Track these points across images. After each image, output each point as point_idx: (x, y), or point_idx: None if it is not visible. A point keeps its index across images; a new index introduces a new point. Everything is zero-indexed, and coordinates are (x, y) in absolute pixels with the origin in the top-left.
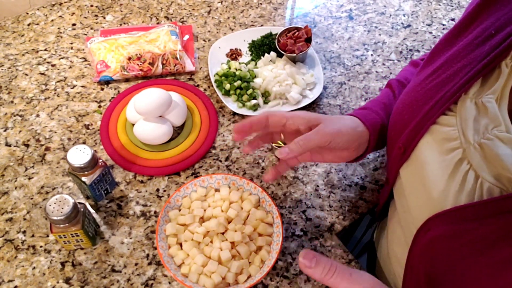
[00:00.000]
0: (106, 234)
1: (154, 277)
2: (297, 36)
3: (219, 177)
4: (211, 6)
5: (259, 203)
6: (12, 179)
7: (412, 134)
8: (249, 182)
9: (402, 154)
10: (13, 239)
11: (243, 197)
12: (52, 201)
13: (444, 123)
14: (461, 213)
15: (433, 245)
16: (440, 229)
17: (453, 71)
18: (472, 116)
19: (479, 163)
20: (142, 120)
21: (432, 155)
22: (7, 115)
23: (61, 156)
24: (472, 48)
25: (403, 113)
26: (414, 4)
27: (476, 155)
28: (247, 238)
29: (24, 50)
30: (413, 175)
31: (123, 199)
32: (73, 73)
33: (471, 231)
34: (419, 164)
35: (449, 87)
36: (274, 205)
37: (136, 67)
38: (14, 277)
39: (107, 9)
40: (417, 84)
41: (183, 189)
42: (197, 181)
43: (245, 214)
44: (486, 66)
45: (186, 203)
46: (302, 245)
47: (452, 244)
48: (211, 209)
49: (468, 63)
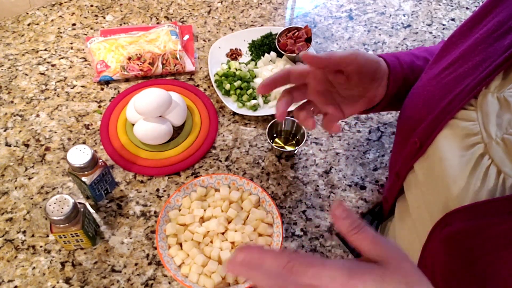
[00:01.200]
0: (106, 234)
1: (154, 277)
2: (297, 36)
3: (219, 177)
4: (211, 6)
5: (259, 203)
6: (12, 179)
7: (429, 129)
8: (249, 182)
9: (418, 149)
10: (13, 239)
11: (243, 197)
12: (52, 201)
13: (463, 117)
14: (482, 209)
15: (452, 240)
16: (460, 224)
17: (472, 65)
18: (494, 111)
19: (501, 159)
20: (142, 120)
21: (451, 150)
22: (7, 115)
23: (61, 156)
24: (491, 41)
25: (418, 108)
26: (414, 4)
27: (499, 150)
28: (247, 238)
29: (24, 50)
30: (430, 170)
31: (123, 199)
32: (73, 73)
33: (493, 227)
34: (436, 159)
35: (469, 81)
36: (274, 205)
37: (136, 67)
38: (14, 277)
39: (107, 9)
40: (431, 78)
41: (183, 189)
42: (197, 181)
43: (245, 214)
44: (508, 59)
45: (186, 203)
46: (302, 245)
47: (473, 239)
48: (211, 209)
49: (488, 56)
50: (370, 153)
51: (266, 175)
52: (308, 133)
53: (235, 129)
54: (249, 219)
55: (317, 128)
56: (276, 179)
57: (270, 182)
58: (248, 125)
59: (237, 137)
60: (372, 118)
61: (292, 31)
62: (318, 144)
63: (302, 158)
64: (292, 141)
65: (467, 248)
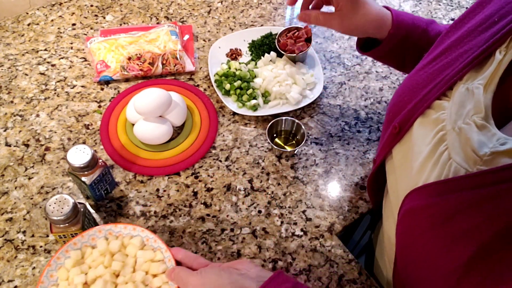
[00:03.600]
0: None
1: None
2: (297, 36)
3: (91, 233)
4: (211, 6)
5: (144, 243)
6: (12, 179)
7: (408, 115)
8: (127, 226)
9: (397, 133)
10: (13, 239)
11: (125, 243)
12: (52, 201)
13: (436, 107)
14: (428, 189)
15: (404, 219)
16: (410, 204)
17: (453, 57)
18: (461, 101)
19: (453, 145)
20: (142, 120)
21: (421, 137)
22: (7, 115)
23: (61, 156)
24: (475, 34)
25: (403, 95)
26: (414, 4)
27: (455, 138)
28: (142, 285)
29: (24, 50)
30: (404, 154)
31: (123, 199)
32: (73, 73)
33: (433, 207)
34: (410, 144)
35: (448, 73)
36: (160, 239)
37: (136, 67)
38: (14, 277)
39: (107, 9)
40: (420, 68)
41: (54, 260)
42: (67, 246)
43: (132, 261)
44: (483, 53)
45: (63, 275)
46: (302, 245)
47: (417, 218)
48: (93, 269)
49: (469, 49)
50: (370, 153)
51: (266, 175)
52: (308, 133)
53: (235, 129)
54: (138, 264)
55: (317, 128)
56: (276, 179)
57: (270, 182)
58: (248, 125)
59: (237, 137)
60: (372, 118)
61: (292, 31)
62: (318, 144)
63: (302, 158)
64: (292, 141)
65: (413, 226)
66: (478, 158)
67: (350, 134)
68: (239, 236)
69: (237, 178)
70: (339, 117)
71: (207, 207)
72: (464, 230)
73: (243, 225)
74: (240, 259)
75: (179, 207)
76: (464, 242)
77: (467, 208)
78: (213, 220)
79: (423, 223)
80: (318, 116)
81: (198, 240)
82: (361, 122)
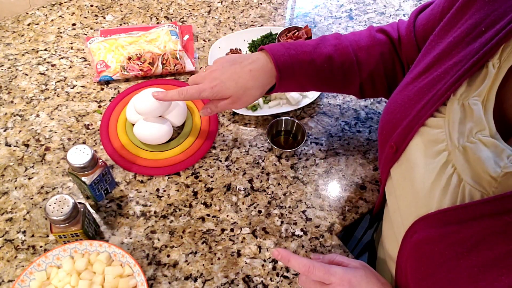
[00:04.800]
0: (106, 234)
1: (154, 277)
2: (297, 36)
3: (56, 252)
4: (211, 6)
5: (112, 259)
6: (12, 179)
7: (404, 134)
8: (92, 242)
9: (394, 153)
10: (13, 239)
11: (91, 260)
12: (52, 201)
13: (432, 125)
14: (443, 217)
15: (419, 248)
16: (425, 232)
17: (443, 70)
18: (458, 119)
19: (462, 167)
20: (142, 120)
21: (420, 157)
22: (7, 115)
23: (61, 156)
24: (463, 45)
25: (395, 112)
26: (414, 4)
27: (460, 158)
28: None
29: (24, 50)
30: (403, 175)
31: (123, 199)
32: (73, 73)
33: (452, 235)
34: (409, 165)
35: (439, 87)
36: (128, 254)
37: (136, 67)
38: (14, 277)
39: (107, 9)
40: (408, 82)
41: (18, 283)
42: (31, 268)
43: (100, 278)
44: (474, 65)
45: None
46: (302, 245)
47: (435, 247)
48: None
49: (458, 61)
50: (370, 153)
51: (266, 175)
52: (308, 133)
53: (235, 129)
54: (107, 280)
55: (317, 128)
56: (276, 179)
57: (270, 182)
58: (248, 125)
59: (237, 137)
60: (372, 118)
61: (292, 31)
62: (318, 144)
63: (302, 158)
64: (292, 141)
65: (431, 256)
66: (492, 180)
67: (350, 134)
68: (239, 236)
69: (237, 178)
70: (339, 117)
71: (207, 207)
72: (493, 258)
73: (243, 225)
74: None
75: (179, 207)
76: (497, 270)
77: (491, 235)
78: (213, 220)
79: (445, 252)
80: (318, 116)
81: (198, 240)
82: (361, 122)
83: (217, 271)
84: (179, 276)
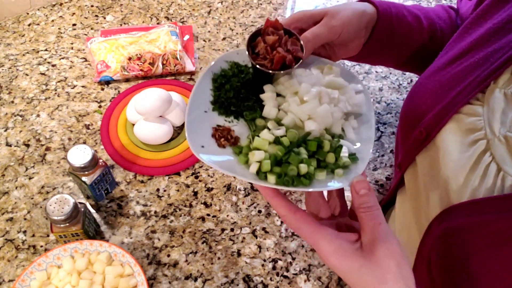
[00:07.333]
0: (107, 234)
1: (154, 277)
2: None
3: (56, 252)
4: (211, 6)
5: (112, 258)
6: (13, 179)
7: (436, 120)
8: (92, 242)
9: (423, 140)
10: (13, 239)
11: (92, 260)
12: (52, 201)
13: (469, 112)
14: (479, 206)
15: (449, 236)
16: (457, 221)
17: (482, 56)
18: (500, 108)
19: (502, 156)
20: (142, 120)
21: (454, 145)
22: (8, 115)
23: (61, 156)
24: (504, 32)
25: (425, 97)
26: (414, 4)
27: (501, 148)
28: None
29: (25, 50)
30: (432, 163)
31: (123, 199)
32: (73, 73)
33: (489, 225)
34: (439, 152)
35: (478, 74)
36: (128, 253)
37: (136, 67)
38: (15, 276)
39: (107, 9)
40: (440, 67)
41: (19, 283)
42: (31, 268)
43: (100, 278)
44: None
45: None
46: (302, 245)
47: (469, 236)
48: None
49: (499, 48)
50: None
51: None
52: None
53: None
54: (107, 280)
55: None
56: None
57: None
58: None
59: None
60: None
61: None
62: None
63: None
64: None
65: (462, 244)
66: None
67: None
68: (239, 236)
69: (237, 178)
70: None
71: (207, 207)
72: None
73: (243, 225)
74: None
75: (179, 207)
76: None
77: None
78: (213, 220)
79: (478, 242)
80: None
81: (198, 240)
82: None
83: (217, 271)
84: (179, 276)
